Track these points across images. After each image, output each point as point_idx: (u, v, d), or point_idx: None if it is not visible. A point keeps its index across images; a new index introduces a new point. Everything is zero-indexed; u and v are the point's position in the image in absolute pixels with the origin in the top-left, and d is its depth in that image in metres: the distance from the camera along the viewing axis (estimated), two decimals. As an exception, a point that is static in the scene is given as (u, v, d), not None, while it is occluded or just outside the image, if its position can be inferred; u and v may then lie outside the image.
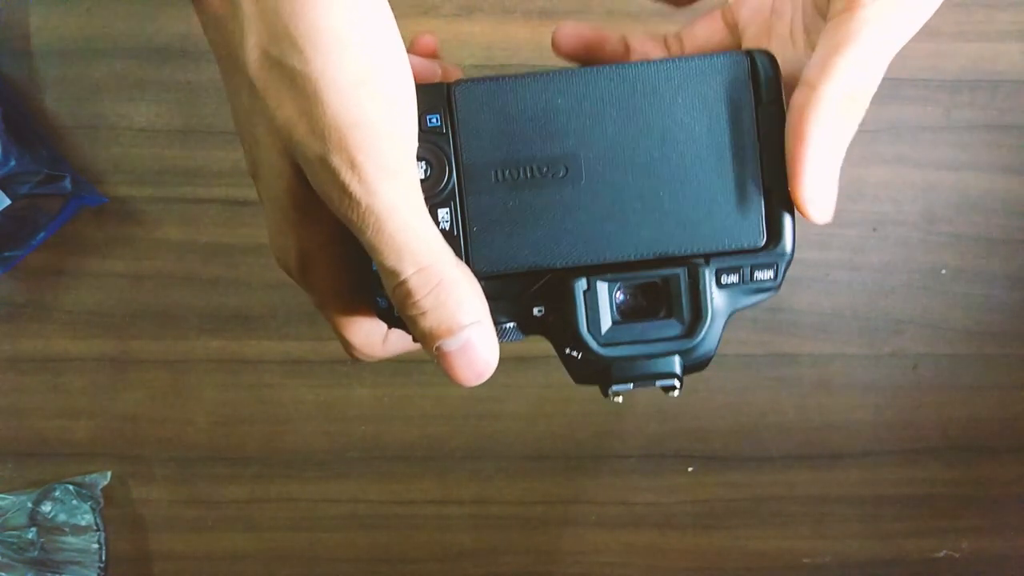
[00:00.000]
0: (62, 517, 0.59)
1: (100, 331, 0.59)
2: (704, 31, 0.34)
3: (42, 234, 0.55)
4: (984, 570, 0.64)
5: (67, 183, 0.54)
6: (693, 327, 0.26)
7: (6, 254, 0.55)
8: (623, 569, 0.63)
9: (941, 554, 0.63)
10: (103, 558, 0.59)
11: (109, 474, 0.60)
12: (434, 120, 0.27)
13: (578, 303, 0.26)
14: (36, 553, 0.59)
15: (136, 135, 0.57)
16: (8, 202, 0.52)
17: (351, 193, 0.24)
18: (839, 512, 0.63)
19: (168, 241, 0.58)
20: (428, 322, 0.26)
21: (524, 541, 0.62)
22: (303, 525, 0.61)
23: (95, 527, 0.59)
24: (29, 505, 0.59)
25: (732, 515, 0.62)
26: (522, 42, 0.57)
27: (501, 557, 0.62)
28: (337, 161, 0.24)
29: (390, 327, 0.29)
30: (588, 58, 0.34)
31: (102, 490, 0.60)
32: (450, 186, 0.27)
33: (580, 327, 0.26)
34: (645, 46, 0.34)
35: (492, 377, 0.61)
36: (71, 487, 0.59)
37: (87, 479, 0.59)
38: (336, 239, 0.27)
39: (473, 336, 0.26)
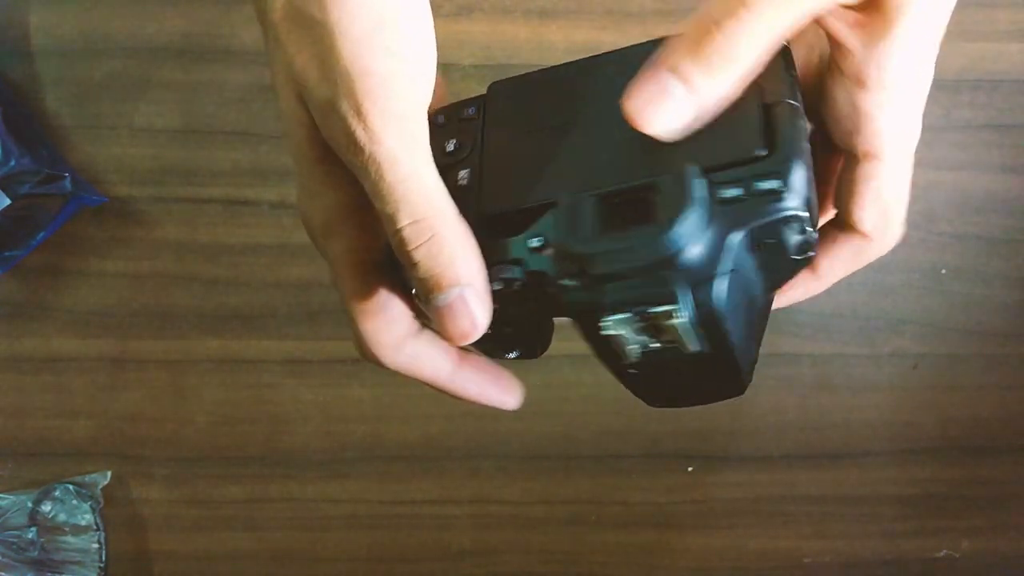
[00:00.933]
0: (62, 517, 0.59)
1: (100, 331, 0.59)
2: None
3: (42, 234, 0.55)
4: (984, 570, 0.64)
5: (67, 183, 0.54)
6: (672, 219, 0.24)
7: (6, 254, 0.55)
8: (623, 569, 0.63)
9: (941, 554, 0.63)
10: (103, 558, 0.59)
11: (109, 474, 0.60)
12: (471, 111, 0.30)
13: (560, 213, 0.26)
14: (36, 553, 0.59)
15: (136, 135, 0.57)
16: (8, 202, 0.52)
17: (356, 139, 0.25)
18: (839, 512, 0.63)
19: (168, 241, 0.58)
20: (419, 273, 0.26)
21: (524, 541, 0.62)
22: (303, 525, 0.61)
23: (95, 527, 0.59)
24: (29, 505, 0.59)
25: (732, 515, 0.62)
26: (522, 42, 0.57)
27: (501, 557, 0.62)
28: (344, 107, 0.25)
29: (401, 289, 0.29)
30: None
31: (102, 490, 0.60)
32: (474, 153, 0.29)
33: (561, 230, 0.26)
34: None
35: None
36: (71, 487, 0.59)
37: (87, 479, 0.59)
38: (362, 204, 0.27)
39: (464, 294, 0.26)
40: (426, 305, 0.27)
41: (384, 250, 0.28)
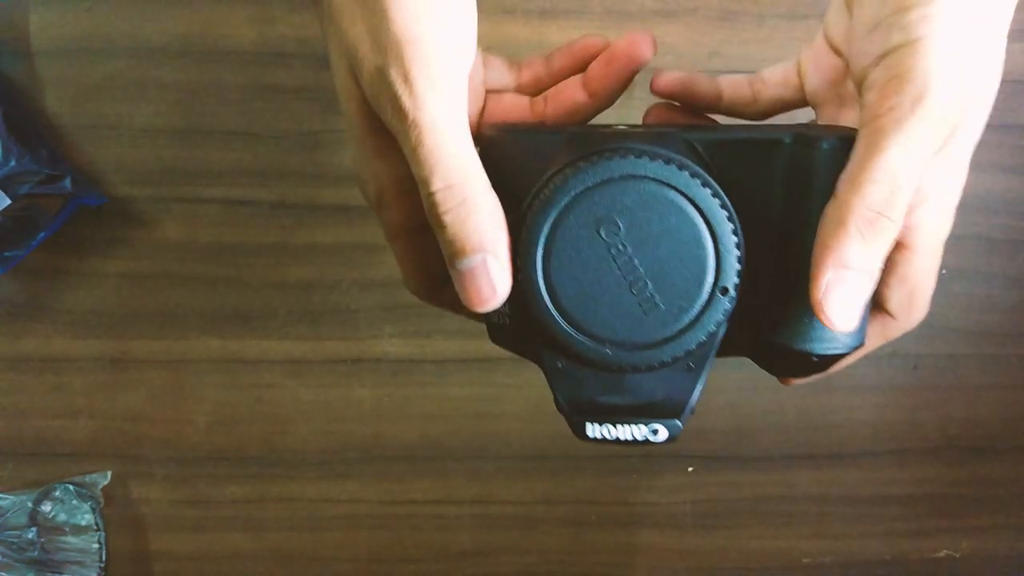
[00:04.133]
0: (62, 517, 0.59)
1: (100, 331, 0.59)
2: (778, 79, 0.36)
3: (42, 234, 0.55)
4: (984, 570, 0.64)
5: (67, 183, 0.54)
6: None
7: (6, 254, 0.55)
8: (623, 569, 0.63)
9: (941, 554, 0.63)
10: (103, 558, 0.59)
11: (109, 474, 0.60)
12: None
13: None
14: (36, 553, 0.59)
15: (136, 135, 0.57)
16: (8, 202, 0.52)
17: (401, 104, 0.26)
18: (839, 512, 0.63)
19: (168, 241, 0.58)
20: (446, 236, 0.27)
21: (524, 541, 0.62)
22: (303, 525, 0.61)
23: (95, 527, 0.59)
24: (29, 505, 0.59)
25: (732, 515, 0.62)
26: (522, 42, 0.57)
27: (501, 557, 0.62)
28: (393, 73, 0.26)
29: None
30: (684, 96, 0.36)
31: (102, 490, 0.60)
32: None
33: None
34: (734, 87, 0.36)
35: (492, 377, 0.62)
36: (71, 487, 0.59)
37: (87, 479, 0.59)
38: (411, 174, 0.28)
39: (487, 260, 0.27)
40: (451, 270, 0.28)
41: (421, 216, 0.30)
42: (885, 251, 0.27)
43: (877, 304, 0.32)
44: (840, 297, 0.27)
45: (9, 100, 0.55)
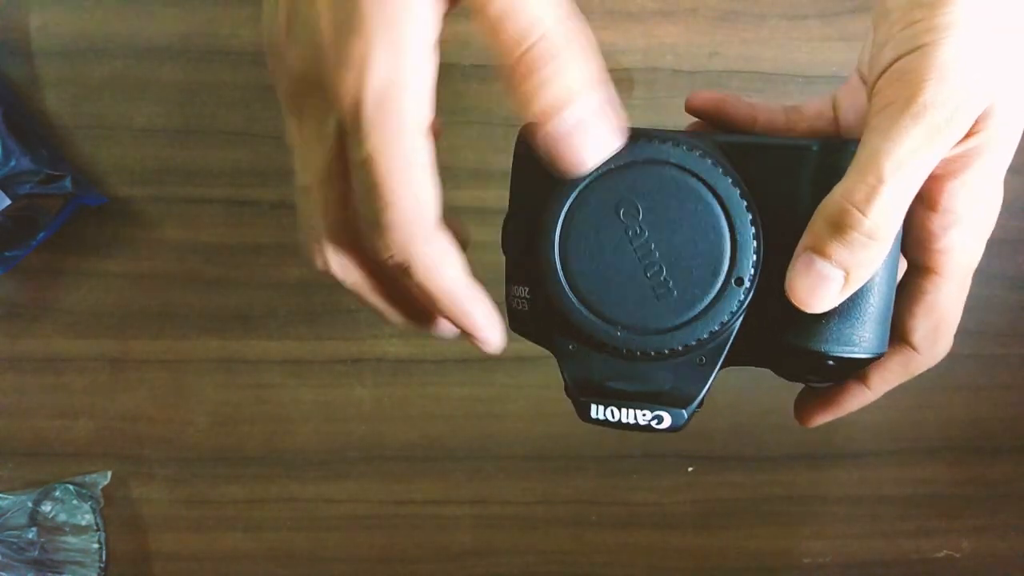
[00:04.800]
0: (62, 517, 0.59)
1: (100, 331, 0.59)
2: (814, 111, 0.36)
3: (42, 234, 0.55)
4: (984, 570, 0.64)
5: (67, 183, 0.54)
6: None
7: (6, 254, 0.55)
8: (623, 569, 0.63)
9: (941, 554, 0.63)
10: (103, 558, 0.59)
11: (109, 474, 0.60)
12: None
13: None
14: (36, 553, 0.59)
15: (136, 135, 0.57)
16: (8, 202, 0.52)
17: None
18: (839, 512, 0.63)
19: (168, 241, 0.58)
20: (551, 92, 0.25)
21: (524, 541, 0.62)
22: (303, 525, 0.61)
23: (95, 527, 0.59)
24: (29, 505, 0.59)
25: (732, 515, 0.62)
26: (522, 42, 0.57)
27: (501, 557, 0.62)
28: None
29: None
30: (717, 115, 0.36)
31: (102, 490, 0.60)
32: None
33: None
34: (769, 113, 0.36)
35: (492, 377, 0.61)
36: (71, 487, 0.59)
37: (87, 479, 0.59)
38: (432, 63, 0.26)
39: (604, 99, 0.25)
40: (558, 129, 0.25)
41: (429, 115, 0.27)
42: (863, 253, 0.27)
43: (900, 337, 0.31)
44: (805, 282, 0.27)
45: (9, 100, 0.55)
